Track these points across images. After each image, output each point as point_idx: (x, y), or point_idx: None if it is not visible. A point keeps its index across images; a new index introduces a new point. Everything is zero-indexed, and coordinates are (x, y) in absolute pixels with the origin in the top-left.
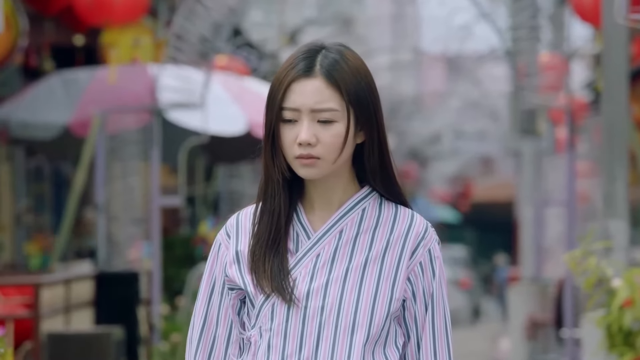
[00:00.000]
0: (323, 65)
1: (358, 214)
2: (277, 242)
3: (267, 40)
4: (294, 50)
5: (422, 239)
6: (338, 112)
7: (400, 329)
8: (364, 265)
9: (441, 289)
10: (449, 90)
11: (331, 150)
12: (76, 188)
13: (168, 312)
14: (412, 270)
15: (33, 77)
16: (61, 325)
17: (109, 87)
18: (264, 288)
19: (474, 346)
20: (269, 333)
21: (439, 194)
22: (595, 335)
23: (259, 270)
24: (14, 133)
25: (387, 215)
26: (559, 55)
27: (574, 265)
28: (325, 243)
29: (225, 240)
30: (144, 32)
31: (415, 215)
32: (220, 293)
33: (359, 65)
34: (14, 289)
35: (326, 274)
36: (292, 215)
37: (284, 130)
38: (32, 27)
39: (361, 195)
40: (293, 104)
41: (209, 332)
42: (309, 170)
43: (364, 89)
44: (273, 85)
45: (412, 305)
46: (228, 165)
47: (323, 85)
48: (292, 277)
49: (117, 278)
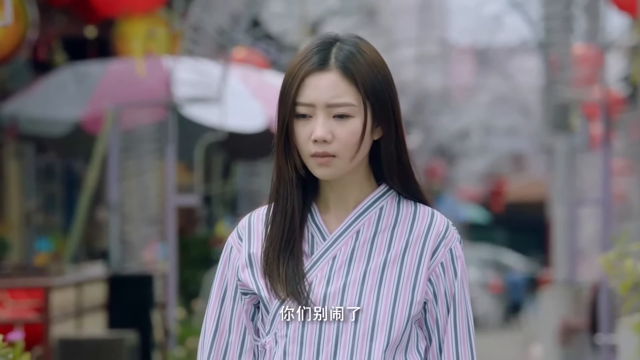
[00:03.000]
0: (338, 58)
1: (375, 213)
2: (292, 244)
3: (287, 32)
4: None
5: (443, 238)
6: (355, 106)
7: (422, 332)
8: (383, 266)
9: (463, 290)
10: (478, 84)
11: (348, 148)
12: (88, 186)
13: (184, 316)
14: (433, 270)
15: (43, 71)
16: (72, 330)
17: (123, 81)
18: (279, 293)
19: (504, 352)
20: (284, 340)
21: (468, 193)
22: (632, 341)
23: (273, 274)
24: (24, 129)
25: (405, 213)
26: (594, 47)
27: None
28: (342, 244)
29: (237, 243)
30: (159, 24)
31: (435, 214)
32: (233, 298)
33: (375, 58)
34: (23, 291)
35: (343, 277)
36: (306, 216)
37: (298, 126)
38: (42, 19)
39: (378, 194)
40: (307, 99)
41: (222, 338)
42: (325, 170)
43: (380, 82)
44: (286, 79)
45: (434, 307)
46: (247, 163)
47: (338, 78)
48: (308, 281)
49: (131, 280)
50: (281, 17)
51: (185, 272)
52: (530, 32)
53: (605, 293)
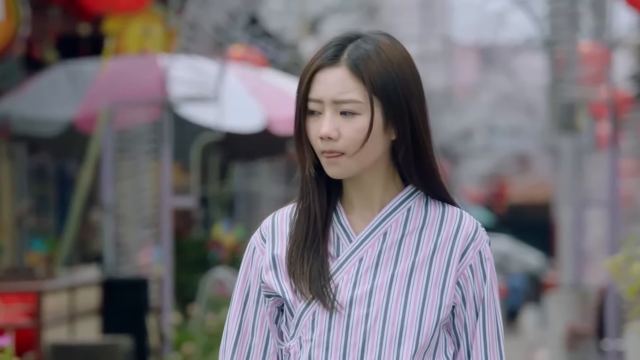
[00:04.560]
0: (351, 55)
1: (403, 214)
2: (316, 244)
3: (286, 30)
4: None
5: (472, 240)
6: (361, 104)
7: (450, 337)
8: (411, 270)
9: (492, 293)
10: (482, 82)
11: (354, 146)
12: (82, 188)
13: (180, 321)
14: (462, 273)
15: (35, 69)
16: (65, 335)
17: (117, 80)
18: (303, 292)
19: (509, 357)
20: (309, 344)
21: (471, 194)
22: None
23: (297, 272)
24: (16, 129)
25: (434, 215)
26: (600, 45)
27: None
28: (369, 246)
29: (260, 244)
30: (154, 21)
31: (464, 214)
32: (256, 301)
33: (394, 57)
34: (14, 295)
35: (370, 280)
36: (331, 215)
37: (310, 123)
38: (35, 15)
39: (405, 194)
40: (316, 95)
41: (244, 341)
42: (335, 168)
43: (393, 81)
44: (301, 74)
45: (462, 311)
46: (244, 164)
47: (347, 75)
48: (334, 283)
49: (126, 284)
50: (280, 14)
51: (181, 276)
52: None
53: (612, 297)
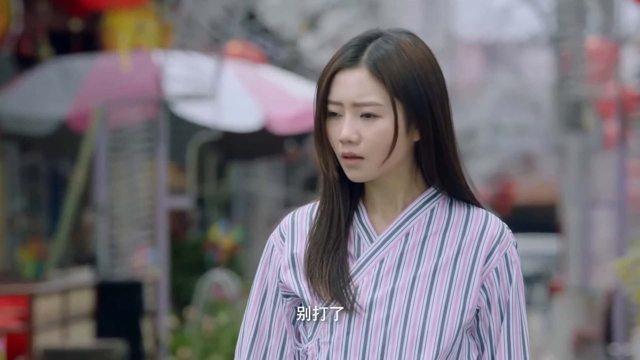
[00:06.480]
0: (371, 56)
1: (426, 215)
2: (337, 246)
3: (284, 26)
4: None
5: (497, 242)
6: (382, 106)
7: (474, 341)
8: (433, 272)
9: (518, 297)
10: (486, 80)
11: (375, 149)
12: (75, 188)
13: (176, 324)
14: (487, 276)
15: (27, 66)
16: (58, 339)
17: (111, 77)
18: (322, 295)
19: None
20: (327, 346)
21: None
22: None
23: (315, 275)
24: (7, 128)
25: (458, 216)
26: (608, 41)
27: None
28: (390, 247)
29: (279, 243)
30: (149, 16)
31: (489, 216)
32: (273, 301)
33: (416, 56)
34: (5, 299)
35: (391, 282)
36: (352, 216)
37: (330, 125)
38: (26, 11)
39: (429, 195)
40: (336, 97)
41: (261, 342)
42: (355, 172)
43: (415, 81)
44: (320, 74)
45: (487, 315)
46: (242, 164)
47: (366, 76)
48: (354, 285)
49: (120, 287)
50: (278, 10)
51: (177, 279)
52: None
53: (620, 300)
